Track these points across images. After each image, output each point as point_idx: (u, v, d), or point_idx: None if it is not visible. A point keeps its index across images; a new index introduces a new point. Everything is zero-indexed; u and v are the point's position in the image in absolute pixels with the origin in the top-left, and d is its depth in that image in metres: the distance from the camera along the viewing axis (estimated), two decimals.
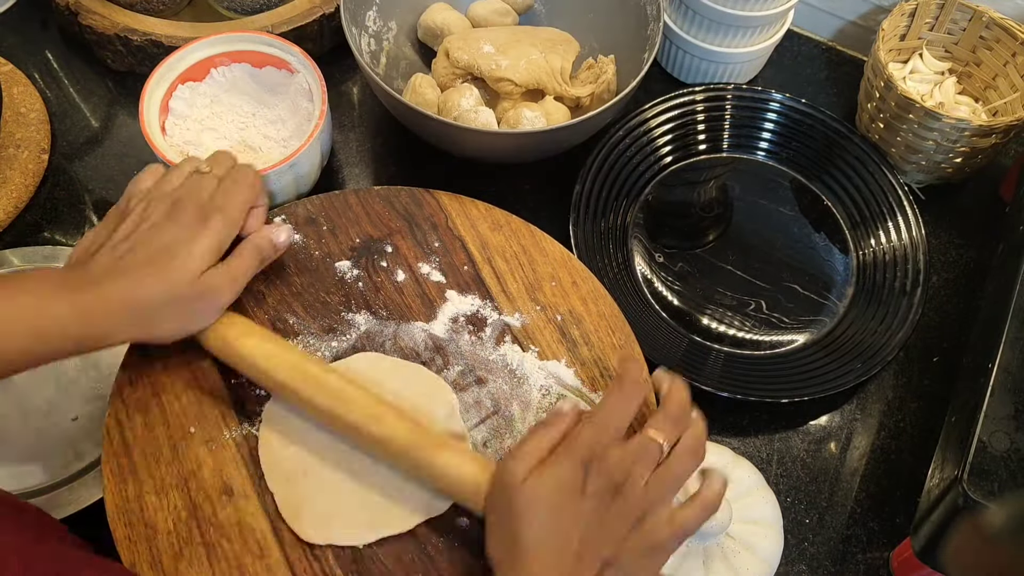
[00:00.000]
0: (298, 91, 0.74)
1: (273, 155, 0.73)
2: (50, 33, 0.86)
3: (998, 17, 0.78)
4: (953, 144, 0.75)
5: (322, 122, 0.70)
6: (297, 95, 0.74)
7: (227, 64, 0.74)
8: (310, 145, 0.69)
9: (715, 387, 0.67)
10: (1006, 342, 0.57)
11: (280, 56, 0.73)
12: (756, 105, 0.82)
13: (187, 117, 0.73)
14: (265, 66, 0.75)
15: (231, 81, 0.74)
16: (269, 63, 0.74)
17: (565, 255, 0.67)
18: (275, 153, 0.73)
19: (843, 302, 0.75)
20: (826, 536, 0.66)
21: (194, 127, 0.73)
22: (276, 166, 0.67)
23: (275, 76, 0.75)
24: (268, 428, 0.57)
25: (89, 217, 0.76)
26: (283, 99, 0.75)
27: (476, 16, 0.82)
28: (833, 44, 0.91)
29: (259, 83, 0.75)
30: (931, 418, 0.71)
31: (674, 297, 0.74)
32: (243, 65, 0.74)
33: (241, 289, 0.57)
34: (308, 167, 0.71)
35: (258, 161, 0.71)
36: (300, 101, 0.74)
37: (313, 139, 0.69)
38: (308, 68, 0.72)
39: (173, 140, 0.71)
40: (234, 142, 0.74)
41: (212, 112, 0.74)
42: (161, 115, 0.71)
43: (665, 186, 0.80)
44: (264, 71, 0.75)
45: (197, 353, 0.60)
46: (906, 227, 0.76)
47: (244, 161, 0.69)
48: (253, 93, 0.75)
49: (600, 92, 0.77)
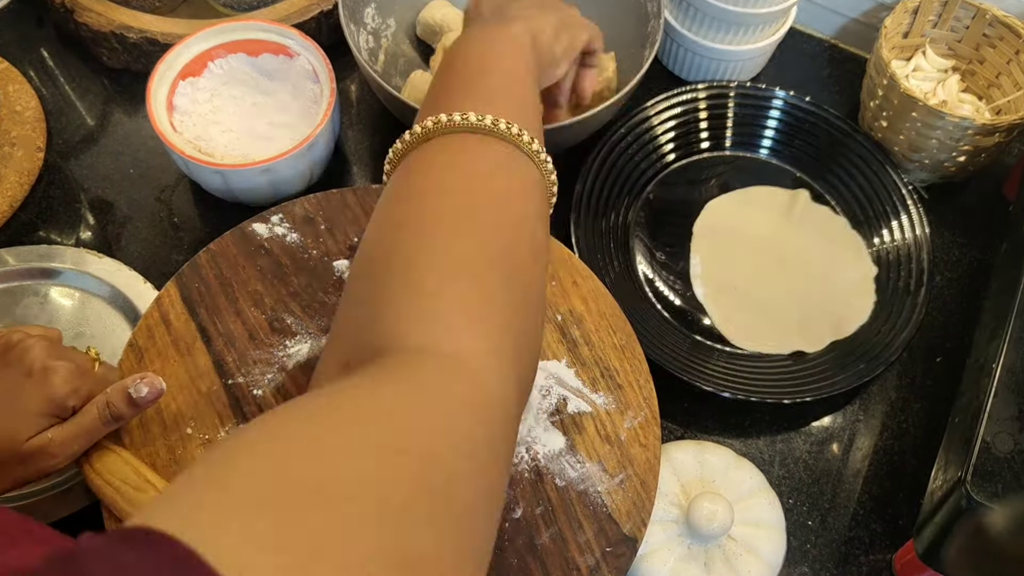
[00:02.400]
0: (300, 74, 0.74)
1: (282, 141, 0.73)
2: (46, 30, 0.85)
3: (1001, 15, 0.77)
4: (956, 142, 0.74)
5: (333, 99, 0.70)
6: (300, 78, 0.74)
7: (223, 56, 0.74)
8: (325, 125, 0.69)
9: (717, 388, 0.66)
10: (1010, 342, 0.57)
11: (277, 41, 0.74)
12: (759, 103, 0.81)
13: (191, 113, 0.73)
14: (261, 54, 0.74)
15: (229, 73, 0.74)
16: (266, 50, 0.74)
17: (565, 254, 0.66)
18: (284, 139, 0.73)
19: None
20: (829, 538, 0.65)
21: (199, 122, 0.73)
22: (295, 149, 0.68)
23: (272, 62, 0.75)
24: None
25: (84, 216, 0.75)
26: (283, 84, 0.75)
27: None
28: (836, 41, 0.91)
29: (257, 71, 0.75)
30: (934, 419, 0.70)
31: (676, 297, 0.74)
32: (239, 55, 0.74)
33: (80, 452, 0.52)
34: (324, 149, 0.71)
35: (269, 148, 0.72)
36: (304, 83, 0.74)
37: (328, 119, 0.69)
38: (310, 49, 0.73)
39: (184, 137, 0.71)
40: (240, 133, 0.73)
41: (214, 106, 0.74)
42: (168, 113, 0.71)
43: (667, 185, 0.79)
44: (261, 59, 0.75)
45: (195, 354, 0.59)
46: (909, 226, 0.76)
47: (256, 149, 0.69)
48: (252, 82, 0.75)
49: (601, 90, 0.77)
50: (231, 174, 0.68)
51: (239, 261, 0.64)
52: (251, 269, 0.64)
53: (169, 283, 0.63)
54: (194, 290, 0.62)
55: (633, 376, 0.62)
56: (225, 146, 0.72)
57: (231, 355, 0.60)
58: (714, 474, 0.61)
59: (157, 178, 0.77)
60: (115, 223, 0.75)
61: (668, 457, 0.62)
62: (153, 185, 0.77)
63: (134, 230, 0.74)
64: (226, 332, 0.61)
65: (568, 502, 0.57)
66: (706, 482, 0.61)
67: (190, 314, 0.61)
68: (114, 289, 0.68)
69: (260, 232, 0.65)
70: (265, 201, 0.71)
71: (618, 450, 0.59)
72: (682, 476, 0.61)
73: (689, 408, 0.69)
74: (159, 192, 0.76)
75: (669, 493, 0.60)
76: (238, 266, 0.64)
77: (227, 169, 0.68)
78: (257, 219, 0.66)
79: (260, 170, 0.68)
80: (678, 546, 0.58)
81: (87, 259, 0.70)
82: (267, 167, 0.68)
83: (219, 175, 0.68)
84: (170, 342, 0.60)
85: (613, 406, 0.60)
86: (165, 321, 0.61)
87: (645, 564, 0.58)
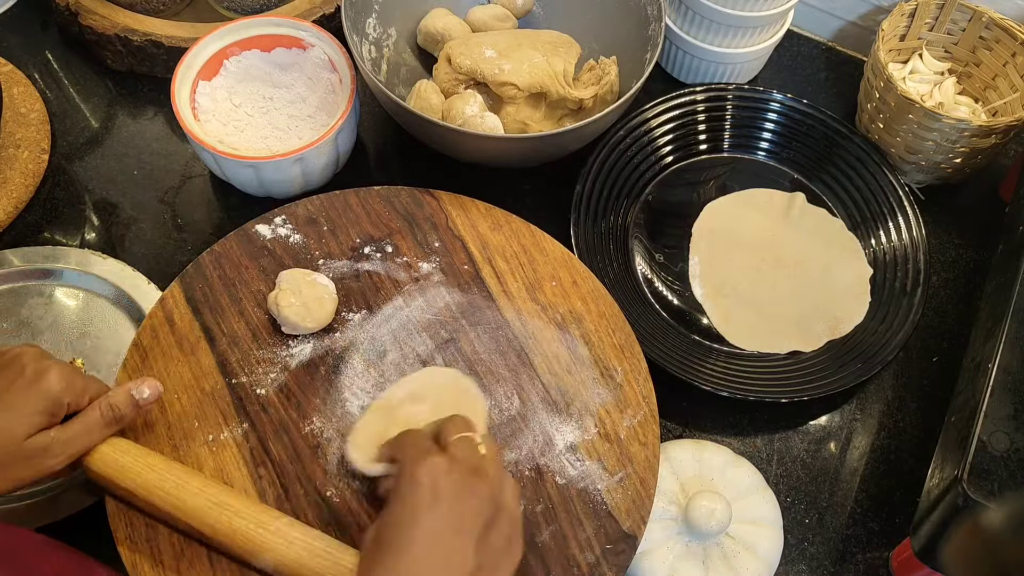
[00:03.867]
0: (316, 65, 0.75)
1: (305, 132, 0.74)
2: (50, 33, 0.86)
3: (998, 17, 0.78)
4: (953, 144, 0.75)
5: (354, 85, 0.71)
6: (315, 68, 0.75)
7: (237, 54, 0.75)
8: (350, 112, 0.70)
9: (715, 387, 0.67)
10: (1006, 342, 0.57)
11: (290, 34, 0.75)
12: (757, 105, 0.82)
13: (213, 111, 0.74)
14: (274, 48, 0.76)
15: (244, 70, 0.75)
16: (278, 44, 0.75)
17: (565, 255, 0.67)
18: (306, 129, 0.74)
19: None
20: (826, 536, 0.66)
21: (222, 120, 0.74)
22: (325, 136, 0.68)
23: (285, 56, 0.76)
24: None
25: (89, 217, 0.76)
26: (298, 77, 0.76)
27: (476, 21, 0.82)
28: (833, 44, 0.91)
29: (272, 66, 0.76)
30: (931, 418, 0.71)
31: (674, 297, 0.74)
32: (253, 52, 0.75)
33: (82, 452, 0.52)
34: (350, 136, 0.73)
35: (293, 140, 0.73)
36: (320, 74, 0.75)
37: (351, 105, 0.70)
38: (324, 39, 0.74)
39: (209, 136, 0.72)
40: (261, 127, 0.74)
41: (232, 104, 0.74)
42: (192, 113, 0.72)
43: (666, 186, 0.80)
44: (274, 53, 0.76)
45: (198, 354, 0.60)
46: (906, 227, 0.76)
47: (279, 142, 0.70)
48: (267, 77, 0.76)
49: (603, 94, 0.77)
50: (264, 166, 0.68)
51: (242, 262, 0.65)
52: (254, 270, 0.64)
53: (173, 283, 0.63)
54: (198, 290, 0.63)
55: (632, 375, 0.62)
56: (249, 141, 0.73)
57: (234, 355, 0.61)
58: (712, 473, 0.62)
59: (161, 180, 0.78)
60: (119, 224, 0.75)
61: (667, 456, 0.62)
62: (157, 187, 0.77)
63: (138, 231, 0.75)
64: (229, 332, 0.62)
65: (568, 500, 0.57)
66: (704, 480, 0.61)
67: (194, 314, 0.62)
68: (118, 290, 0.69)
69: (263, 233, 0.66)
70: (295, 192, 0.72)
71: (618, 448, 0.59)
72: (681, 475, 0.62)
73: (688, 407, 0.70)
74: (163, 193, 0.77)
75: (668, 492, 0.60)
76: (241, 267, 0.64)
77: (260, 162, 0.68)
78: (260, 220, 0.67)
79: (292, 160, 0.68)
80: (677, 544, 0.59)
81: (91, 260, 0.70)
82: (299, 157, 0.68)
83: (251, 168, 0.68)
84: (174, 342, 0.61)
85: (613, 405, 0.61)
86: (169, 321, 0.62)
87: (644, 562, 0.58)
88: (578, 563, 0.55)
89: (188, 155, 0.79)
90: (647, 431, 0.60)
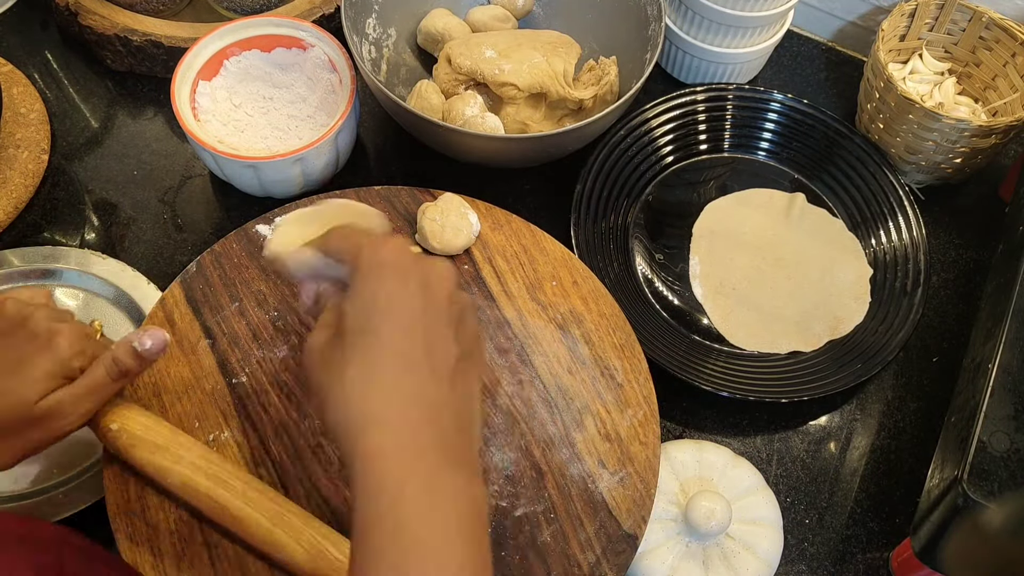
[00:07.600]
0: (316, 65, 0.75)
1: (303, 132, 0.74)
2: (50, 33, 0.86)
3: (998, 17, 0.78)
4: (953, 144, 0.75)
5: (355, 85, 0.71)
6: (315, 69, 0.75)
7: (237, 54, 0.75)
8: (350, 112, 0.70)
9: (715, 387, 0.67)
10: (1006, 342, 0.57)
11: (290, 35, 0.75)
12: (757, 105, 0.82)
13: (213, 112, 0.74)
14: (274, 48, 0.76)
15: (244, 70, 0.75)
16: (278, 44, 0.75)
17: (566, 255, 0.67)
18: (305, 130, 0.74)
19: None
20: (826, 536, 0.66)
21: (222, 120, 0.74)
22: (324, 137, 0.68)
23: (285, 56, 0.76)
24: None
25: (89, 217, 0.76)
26: (298, 77, 0.76)
27: (475, 21, 0.82)
28: (833, 44, 0.91)
29: (272, 66, 0.76)
30: (931, 418, 0.71)
31: (674, 297, 0.74)
32: (253, 52, 0.75)
33: (92, 411, 0.52)
34: (349, 136, 0.72)
35: (292, 140, 0.73)
36: (319, 74, 0.75)
37: (351, 105, 0.70)
38: (324, 40, 0.74)
39: (209, 136, 0.72)
40: (261, 127, 0.74)
41: (232, 104, 0.74)
42: (192, 114, 0.72)
43: (666, 186, 0.80)
44: (273, 54, 0.76)
45: (199, 354, 0.60)
46: (906, 227, 0.76)
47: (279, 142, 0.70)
48: (267, 77, 0.76)
49: (603, 94, 0.77)
50: (264, 166, 0.68)
51: (242, 262, 0.65)
52: (254, 269, 0.64)
53: (173, 283, 0.63)
54: (198, 290, 0.63)
55: (633, 374, 0.62)
56: (249, 141, 0.73)
57: (235, 355, 0.61)
58: (712, 473, 0.62)
59: (161, 180, 0.78)
60: (119, 224, 0.75)
61: (667, 456, 0.62)
62: (157, 187, 0.77)
63: (138, 231, 0.75)
64: (230, 332, 0.62)
65: (569, 499, 0.57)
66: (704, 481, 0.61)
67: (194, 314, 0.62)
68: (118, 290, 0.69)
69: (263, 233, 0.66)
70: (295, 192, 0.72)
71: (618, 448, 0.59)
72: (681, 475, 0.62)
73: (688, 407, 0.70)
74: (163, 194, 0.77)
75: (668, 492, 0.60)
76: (241, 267, 0.64)
77: (260, 162, 0.68)
78: (260, 220, 0.67)
79: (292, 160, 0.68)
80: (677, 544, 0.59)
81: (91, 260, 0.70)
82: (299, 157, 0.68)
83: (251, 168, 0.68)
84: (174, 342, 0.61)
85: (613, 404, 0.61)
86: (169, 321, 0.62)
87: (644, 562, 0.58)
88: (579, 563, 0.55)
89: (188, 155, 0.79)
90: (647, 430, 0.60)
